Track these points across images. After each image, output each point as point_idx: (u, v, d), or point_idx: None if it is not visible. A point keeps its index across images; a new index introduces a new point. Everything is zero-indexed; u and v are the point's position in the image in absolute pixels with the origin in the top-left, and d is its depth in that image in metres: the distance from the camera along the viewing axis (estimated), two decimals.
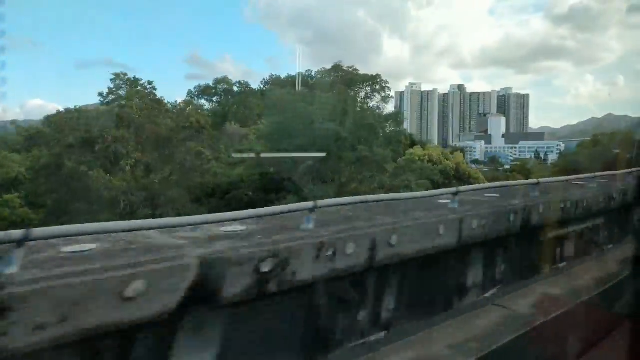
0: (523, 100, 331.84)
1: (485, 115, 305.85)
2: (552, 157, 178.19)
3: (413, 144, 72.98)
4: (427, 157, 63.44)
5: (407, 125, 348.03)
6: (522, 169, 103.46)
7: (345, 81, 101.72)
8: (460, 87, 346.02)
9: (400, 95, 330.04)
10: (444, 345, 5.82)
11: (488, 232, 7.04)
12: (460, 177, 61.69)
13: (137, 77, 58.51)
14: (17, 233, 3.32)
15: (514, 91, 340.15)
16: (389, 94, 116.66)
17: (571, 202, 9.21)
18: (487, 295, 7.47)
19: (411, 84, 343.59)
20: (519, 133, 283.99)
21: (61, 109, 45.90)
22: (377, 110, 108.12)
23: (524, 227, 7.84)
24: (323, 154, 41.40)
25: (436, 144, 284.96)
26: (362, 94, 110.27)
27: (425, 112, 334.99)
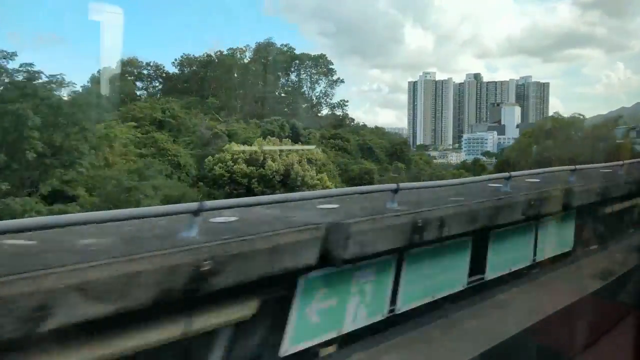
0: (543, 89, 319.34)
1: (498, 104, 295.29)
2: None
3: (297, 136, 65.75)
4: (243, 155, 50.10)
5: (419, 117, 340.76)
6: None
7: (268, 61, 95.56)
8: (477, 76, 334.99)
9: (414, 84, 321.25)
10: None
11: None
12: (289, 184, 48.86)
13: None
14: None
15: (534, 80, 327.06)
16: (338, 78, 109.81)
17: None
18: None
19: (425, 73, 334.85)
20: (534, 123, 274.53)
21: None
22: (325, 97, 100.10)
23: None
24: None
25: (451, 133, 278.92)
26: (304, 76, 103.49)
27: (440, 102, 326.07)
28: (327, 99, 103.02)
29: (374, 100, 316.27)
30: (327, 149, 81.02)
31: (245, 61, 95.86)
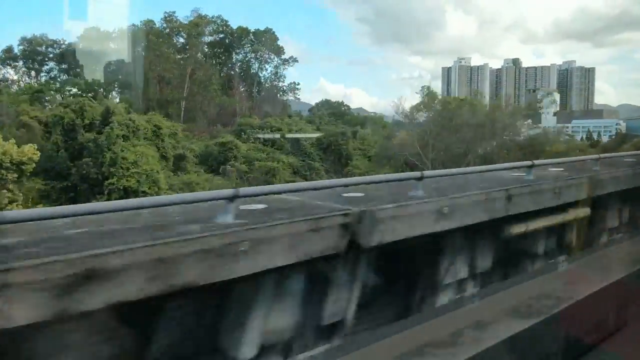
0: (588, 75, 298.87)
1: (534, 91, 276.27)
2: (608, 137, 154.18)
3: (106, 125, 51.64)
4: None
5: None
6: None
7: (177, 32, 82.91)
8: (515, 62, 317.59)
9: (447, 70, 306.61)
10: None
11: None
12: None
13: None
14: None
15: (578, 64, 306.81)
16: (291, 57, 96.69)
17: None
18: None
19: (459, 59, 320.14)
20: (576, 111, 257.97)
21: None
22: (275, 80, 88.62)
23: None
24: None
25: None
26: (247, 52, 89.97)
27: (476, 89, 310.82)
28: (279, 82, 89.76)
29: (415, 88, 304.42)
30: (236, 139, 69.84)
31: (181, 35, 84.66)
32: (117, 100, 73.72)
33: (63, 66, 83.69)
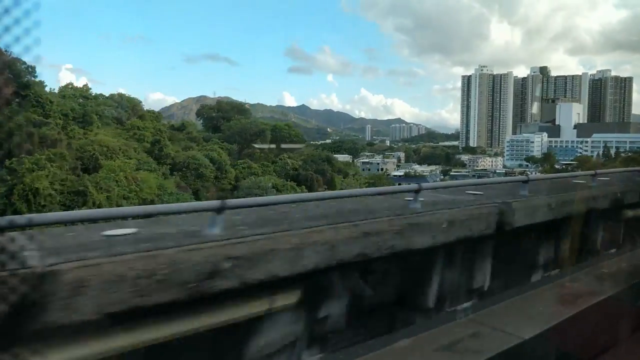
0: (624, 85, 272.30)
1: (553, 100, 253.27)
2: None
3: None
4: None
5: (472, 115, 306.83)
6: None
7: None
8: (543, 70, 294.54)
9: (468, 79, 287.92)
10: None
11: None
12: None
13: None
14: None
15: (613, 74, 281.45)
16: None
17: None
18: None
19: (481, 67, 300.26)
20: (600, 123, 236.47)
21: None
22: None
23: None
24: None
25: (511, 134, 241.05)
26: None
27: (498, 99, 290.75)
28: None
29: (458, 99, 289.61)
30: None
31: None
32: None
33: None
